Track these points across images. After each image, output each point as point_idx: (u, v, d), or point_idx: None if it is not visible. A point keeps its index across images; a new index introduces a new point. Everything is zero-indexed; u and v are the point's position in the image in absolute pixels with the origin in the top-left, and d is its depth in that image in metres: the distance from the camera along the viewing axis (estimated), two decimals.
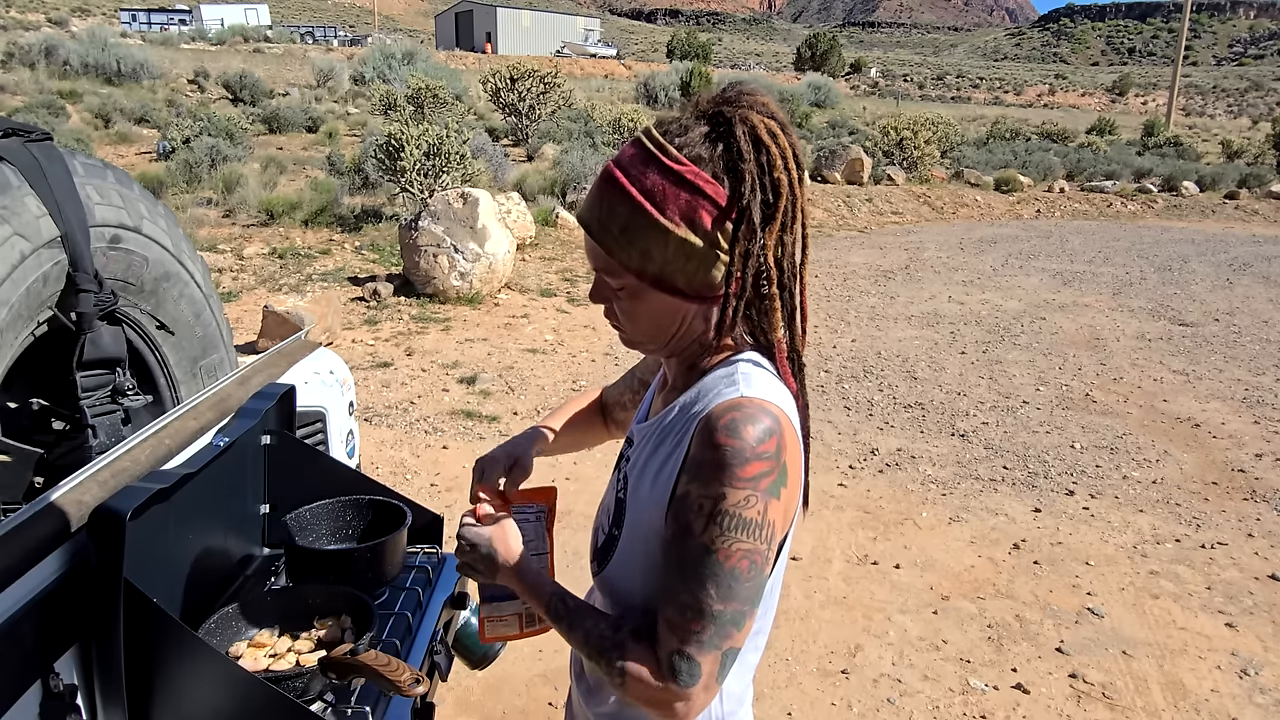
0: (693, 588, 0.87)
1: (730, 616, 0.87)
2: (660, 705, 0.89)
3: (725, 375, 0.95)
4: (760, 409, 0.88)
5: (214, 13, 57.53)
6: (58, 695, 1.09)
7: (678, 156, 0.90)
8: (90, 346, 1.77)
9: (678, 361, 1.02)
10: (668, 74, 28.26)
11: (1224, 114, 69.71)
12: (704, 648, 0.87)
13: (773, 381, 0.95)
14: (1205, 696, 2.81)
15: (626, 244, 0.92)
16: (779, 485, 0.88)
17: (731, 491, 0.86)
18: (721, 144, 0.91)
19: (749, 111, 0.92)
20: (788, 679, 2.83)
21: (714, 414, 0.89)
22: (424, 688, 1.23)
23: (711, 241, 0.90)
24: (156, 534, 1.30)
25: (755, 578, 0.88)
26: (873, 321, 7.44)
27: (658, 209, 0.89)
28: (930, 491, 4.25)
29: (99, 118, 14.44)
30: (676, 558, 0.89)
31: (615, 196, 0.92)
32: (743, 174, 0.89)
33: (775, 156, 0.91)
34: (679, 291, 0.93)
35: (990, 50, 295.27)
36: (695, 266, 0.91)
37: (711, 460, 0.87)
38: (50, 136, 1.74)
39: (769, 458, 0.87)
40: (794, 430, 0.92)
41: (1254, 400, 5.74)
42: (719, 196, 0.90)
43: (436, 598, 1.62)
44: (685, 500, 0.89)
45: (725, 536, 0.86)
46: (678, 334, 0.97)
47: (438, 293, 7.04)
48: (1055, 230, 13.51)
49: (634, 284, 0.94)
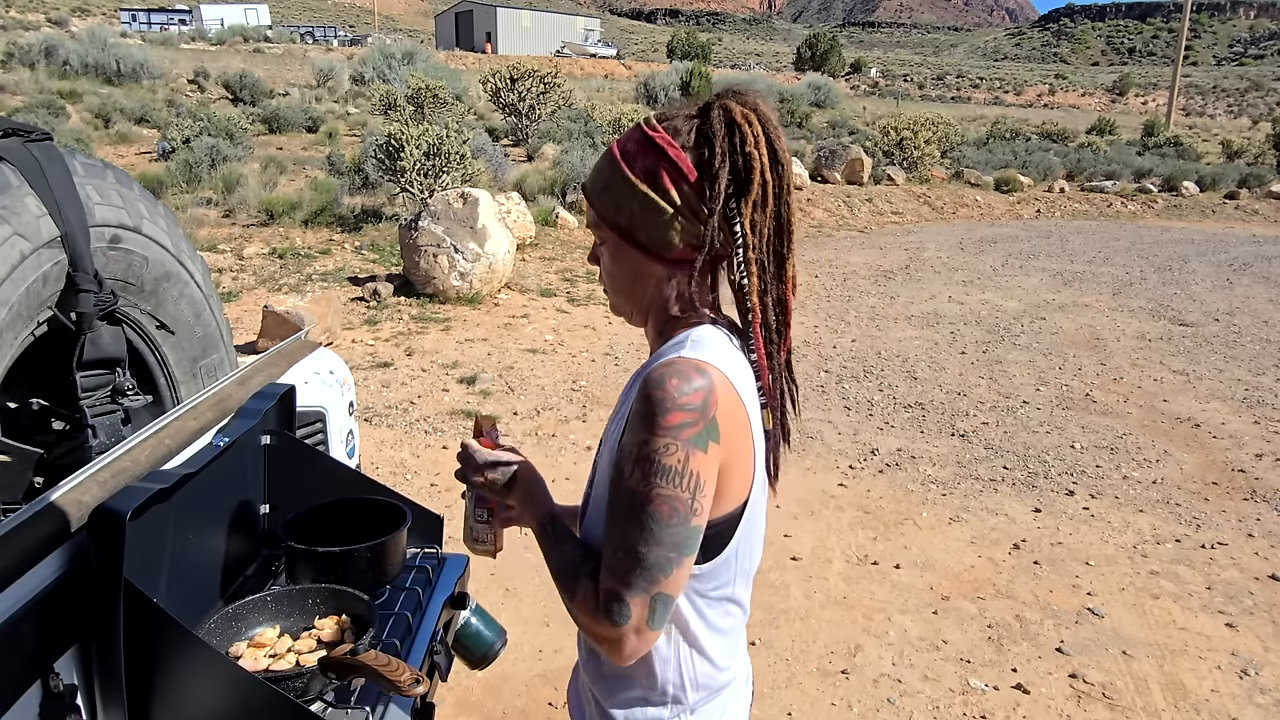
0: (622, 529, 0.94)
1: (655, 560, 0.93)
2: (598, 640, 0.98)
3: (678, 341, 1.02)
4: (693, 367, 0.95)
5: (214, 13, 57.50)
6: (58, 695, 1.09)
7: (656, 127, 1.02)
8: (90, 346, 1.77)
9: (653, 331, 1.09)
10: (668, 74, 28.25)
11: (1224, 114, 69.70)
12: (632, 589, 0.94)
13: (726, 349, 1.01)
14: (1205, 696, 2.81)
15: (605, 196, 1.04)
16: (705, 439, 0.93)
17: (653, 438, 0.92)
18: (698, 121, 1.02)
19: (730, 100, 1.02)
20: (788, 679, 2.83)
21: (650, 371, 0.96)
22: (424, 688, 1.23)
23: (672, 204, 1.00)
24: (156, 534, 1.30)
25: (678, 525, 0.93)
26: (873, 321, 7.44)
27: (628, 166, 1.02)
28: (930, 491, 4.25)
29: (99, 118, 14.44)
30: (612, 502, 0.97)
31: (606, 158, 1.05)
32: (712, 145, 0.99)
33: (748, 135, 0.99)
34: (643, 248, 1.03)
35: (990, 50, 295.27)
36: (655, 225, 1.01)
37: (639, 410, 0.94)
38: (50, 136, 1.74)
39: (692, 409, 0.92)
40: (734, 394, 0.97)
41: (1254, 400, 5.74)
42: (682, 163, 1.00)
43: (436, 598, 1.62)
44: (622, 449, 0.96)
45: (646, 481, 0.92)
46: (648, 296, 1.06)
47: (438, 293, 7.04)
48: (1055, 230, 13.51)
49: (611, 239, 1.05)
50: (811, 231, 12.23)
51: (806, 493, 4.18)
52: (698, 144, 1.00)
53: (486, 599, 3.09)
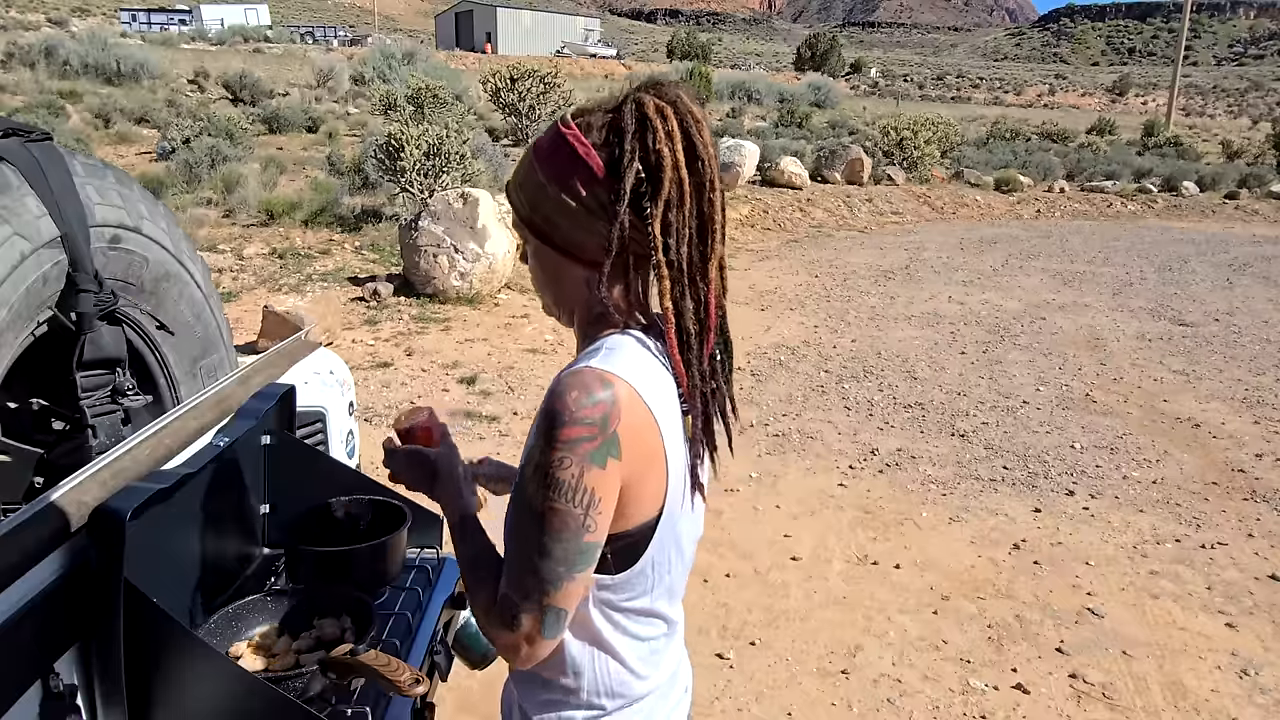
0: (518, 537, 0.94)
1: (547, 573, 0.92)
2: (495, 642, 0.98)
3: (593, 349, 0.99)
4: (598, 378, 0.91)
5: (214, 13, 57.51)
6: (58, 695, 1.09)
7: (570, 124, 0.99)
8: (90, 346, 1.77)
9: (578, 331, 1.08)
10: (668, 74, 28.24)
11: (1224, 114, 69.68)
12: (526, 599, 0.93)
13: (640, 356, 0.98)
14: (1205, 696, 2.81)
15: (522, 196, 1.02)
16: (604, 454, 0.90)
17: (549, 450, 0.90)
18: (611, 117, 0.98)
19: (645, 93, 0.98)
20: (788, 679, 2.83)
21: (556, 380, 0.94)
22: (424, 688, 1.23)
23: (584, 204, 0.97)
24: (156, 534, 1.30)
25: (569, 540, 0.91)
26: (873, 321, 7.44)
27: (541, 166, 0.99)
28: (930, 491, 4.25)
29: (99, 118, 14.43)
30: (512, 506, 0.96)
31: (524, 158, 1.03)
32: (621, 142, 0.95)
33: (659, 130, 0.95)
34: (559, 248, 1.01)
35: (990, 50, 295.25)
36: (569, 225, 0.98)
37: (538, 423, 0.92)
38: (50, 136, 1.74)
39: (590, 424, 0.89)
40: (641, 407, 0.93)
41: (1254, 400, 5.74)
42: (594, 162, 0.96)
43: (436, 598, 1.62)
44: (525, 453, 0.95)
45: (540, 492, 0.91)
46: (567, 296, 1.05)
47: (438, 293, 7.04)
48: (1055, 230, 13.51)
49: (531, 239, 1.03)
50: (811, 231, 12.23)
51: (806, 493, 4.18)
52: (608, 141, 0.96)
53: None
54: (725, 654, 2.93)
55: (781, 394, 5.55)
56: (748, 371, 5.95)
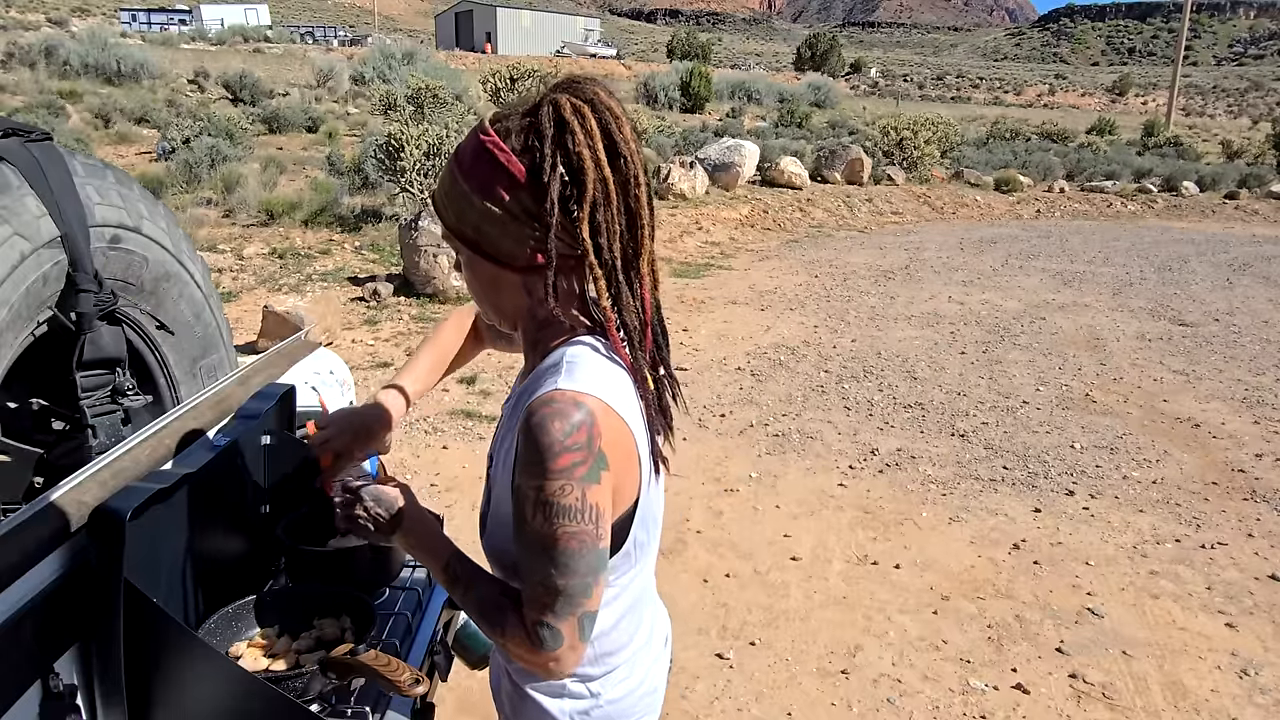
0: (536, 568, 0.97)
1: (575, 588, 0.96)
2: (535, 666, 1.01)
3: (553, 365, 1.01)
4: (572, 402, 0.94)
5: (214, 13, 57.49)
6: (58, 695, 1.09)
7: (488, 131, 0.98)
8: (90, 346, 1.77)
9: (524, 339, 1.10)
10: (668, 74, 28.23)
11: (1224, 114, 69.68)
12: (559, 617, 0.97)
13: (599, 366, 1.00)
14: (1205, 696, 2.81)
15: (449, 206, 1.01)
16: (597, 470, 0.95)
17: (548, 483, 0.93)
18: (528, 121, 0.97)
19: (561, 94, 0.98)
20: (788, 679, 2.83)
21: (531, 409, 0.95)
22: (424, 688, 1.23)
23: (509, 211, 0.97)
24: (156, 534, 1.30)
25: (588, 553, 0.96)
26: (873, 321, 7.44)
27: (463, 176, 0.99)
28: (930, 491, 4.25)
29: (99, 118, 14.43)
30: (521, 542, 0.98)
31: (446, 168, 1.02)
32: (541, 147, 0.95)
33: (577, 132, 0.95)
34: (490, 257, 1.00)
35: (990, 50, 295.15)
36: (498, 233, 0.98)
37: (527, 456, 0.94)
38: (50, 136, 1.74)
39: (579, 448, 0.93)
40: (613, 416, 0.97)
41: (1254, 400, 5.74)
42: (515, 169, 0.96)
43: (436, 598, 1.62)
44: (518, 491, 0.97)
45: (550, 522, 0.94)
46: (506, 305, 1.06)
47: (438, 293, 7.04)
48: (1055, 230, 13.51)
49: (463, 250, 1.02)
50: (811, 231, 12.23)
51: (806, 493, 4.18)
52: (528, 146, 0.96)
53: None
54: (725, 654, 2.93)
55: (781, 394, 5.55)
56: (748, 371, 5.95)
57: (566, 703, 1.11)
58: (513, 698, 1.14)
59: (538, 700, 1.11)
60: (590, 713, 1.12)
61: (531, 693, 1.11)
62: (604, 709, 1.13)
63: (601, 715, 1.13)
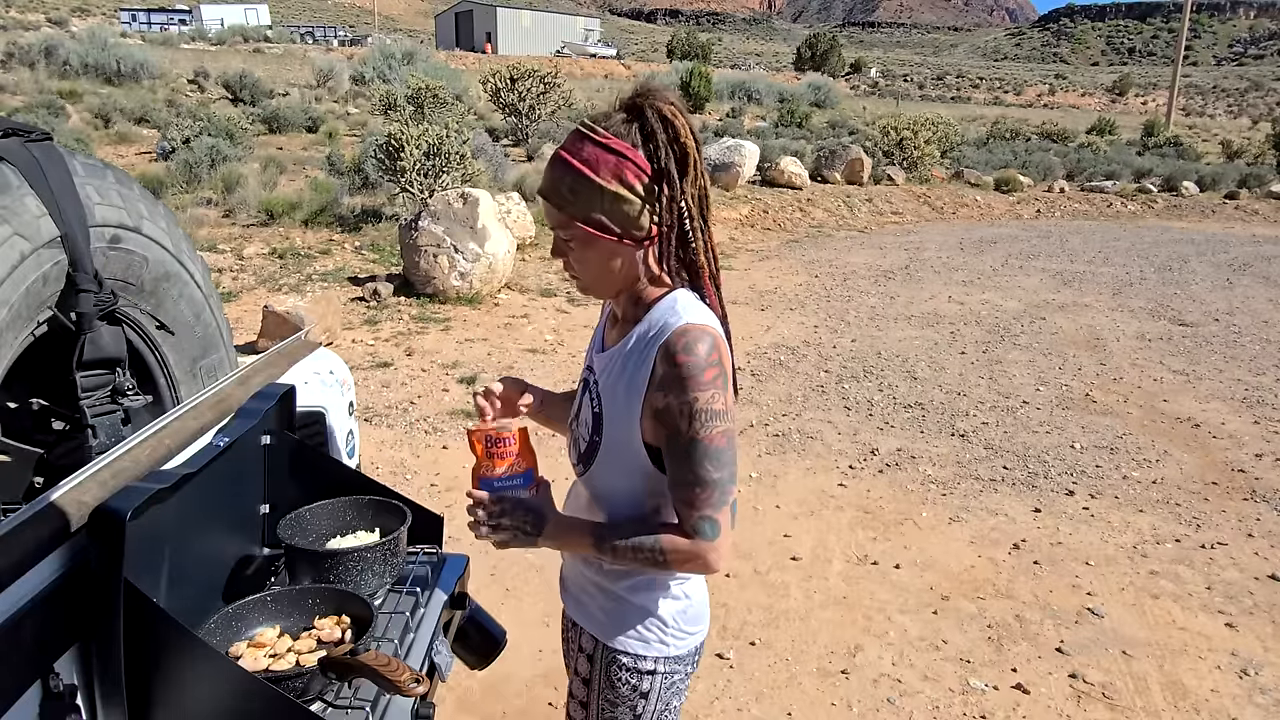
0: (695, 469, 1.18)
1: (727, 479, 1.20)
2: (699, 560, 1.21)
3: (668, 308, 1.24)
4: (702, 330, 1.19)
5: (214, 13, 57.49)
6: (58, 695, 1.08)
7: (604, 133, 1.19)
8: (90, 346, 1.77)
9: (625, 298, 1.29)
10: (668, 74, 28.24)
11: (1224, 114, 69.66)
12: (716, 507, 1.19)
13: (703, 307, 1.25)
14: (1205, 696, 2.81)
15: (574, 200, 1.20)
16: (727, 380, 1.20)
17: (701, 394, 1.17)
18: (636, 123, 1.20)
19: (655, 100, 1.21)
20: (788, 679, 2.83)
21: (670, 340, 1.18)
22: (424, 688, 1.23)
23: (636, 193, 1.19)
24: (156, 534, 1.30)
25: (734, 446, 1.21)
26: (873, 321, 7.44)
27: (593, 171, 1.18)
28: (930, 491, 4.25)
29: (99, 118, 14.42)
30: (677, 452, 1.19)
31: (562, 168, 1.20)
32: (658, 142, 1.19)
33: (680, 128, 1.20)
34: (615, 234, 1.21)
35: (990, 50, 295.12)
36: (626, 213, 1.20)
37: (678, 375, 1.17)
38: (50, 136, 1.74)
39: (715, 364, 1.18)
40: (723, 341, 1.23)
41: (1254, 400, 5.74)
42: (639, 159, 1.18)
43: (436, 598, 1.62)
44: (668, 410, 1.19)
45: (706, 427, 1.17)
46: (620, 273, 1.25)
47: (438, 293, 7.04)
48: (1055, 230, 13.51)
49: (583, 233, 1.21)
50: (811, 231, 12.23)
51: (806, 493, 4.18)
52: (643, 141, 1.19)
53: (486, 599, 3.09)
54: (725, 654, 2.93)
55: (781, 394, 5.55)
56: (748, 371, 5.95)
57: (669, 604, 1.31)
58: (613, 612, 1.32)
59: (642, 605, 1.31)
60: (686, 611, 1.33)
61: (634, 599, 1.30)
62: (695, 608, 1.35)
63: (693, 613, 1.35)
